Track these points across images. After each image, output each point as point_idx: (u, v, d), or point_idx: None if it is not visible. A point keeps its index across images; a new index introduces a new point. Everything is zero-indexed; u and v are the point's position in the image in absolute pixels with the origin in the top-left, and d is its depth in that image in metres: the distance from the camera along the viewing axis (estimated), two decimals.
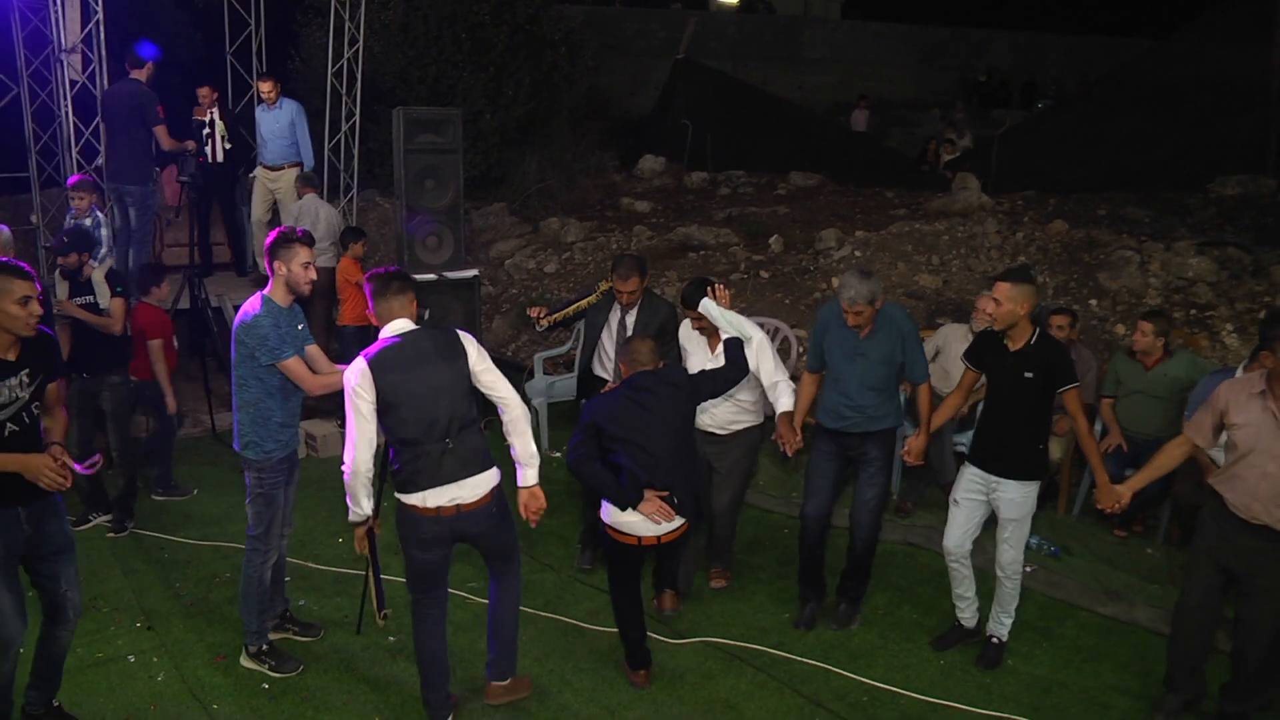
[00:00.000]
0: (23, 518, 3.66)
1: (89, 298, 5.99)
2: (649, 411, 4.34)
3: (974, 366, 4.74)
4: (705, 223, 11.64)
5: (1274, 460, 3.80)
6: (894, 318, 4.88)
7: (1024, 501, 4.56)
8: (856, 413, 4.89)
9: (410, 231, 7.48)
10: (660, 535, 4.36)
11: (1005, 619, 4.82)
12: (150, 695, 4.39)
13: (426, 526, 3.93)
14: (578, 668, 4.64)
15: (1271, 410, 3.82)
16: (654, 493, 4.31)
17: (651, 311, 5.53)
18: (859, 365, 4.85)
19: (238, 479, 6.72)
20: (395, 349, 3.84)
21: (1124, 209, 10.55)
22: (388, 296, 3.93)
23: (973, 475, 4.69)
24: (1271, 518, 3.86)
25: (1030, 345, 4.44)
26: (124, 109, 7.22)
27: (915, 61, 24.23)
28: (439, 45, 13.10)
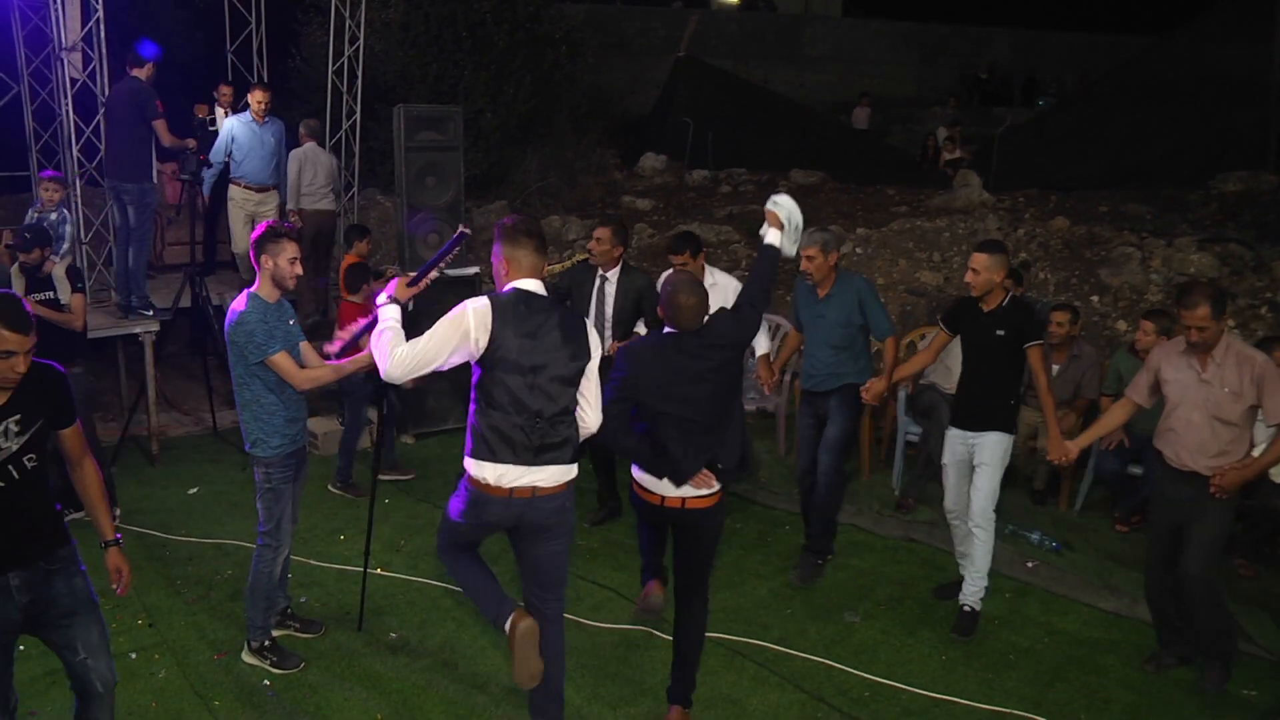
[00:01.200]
0: (14, 586, 3.17)
1: (49, 294, 5.90)
2: (685, 369, 3.87)
3: (949, 330, 5.09)
4: (706, 220, 11.65)
5: (1197, 410, 4.32)
6: (852, 281, 5.34)
7: (996, 448, 4.89)
8: (822, 368, 5.39)
9: (412, 229, 7.48)
10: (685, 499, 3.92)
11: (978, 581, 5.02)
12: (152, 692, 4.38)
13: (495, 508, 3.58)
14: (580, 664, 4.63)
15: (1194, 366, 4.34)
16: None
17: (629, 280, 5.84)
18: (820, 326, 5.33)
19: (239, 476, 6.79)
20: (521, 305, 3.51)
21: (1125, 205, 10.55)
22: (516, 244, 3.58)
23: (954, 436, 5.07)
24: (1198, 464, 4.34)
25: (1002, 307, 4.86)
26: (123, 106, 7.21)
27: (916, 59, 24.25)
28: (440, 43, 13.09)
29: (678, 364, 3.86)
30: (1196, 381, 4.34)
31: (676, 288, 3.89)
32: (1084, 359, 6.48)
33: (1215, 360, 4.29)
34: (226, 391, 7.12)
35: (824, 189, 13.42)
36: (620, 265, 5.86)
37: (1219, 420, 4.29)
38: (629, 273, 5.89)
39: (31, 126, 9.27)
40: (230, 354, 4.29)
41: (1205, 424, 4.32)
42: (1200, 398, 4.32)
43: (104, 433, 7.73)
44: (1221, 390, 4.28)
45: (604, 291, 5.85)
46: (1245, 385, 4.24)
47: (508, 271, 3.61)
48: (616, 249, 5.79)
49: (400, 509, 6.40)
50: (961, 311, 5.05)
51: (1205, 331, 4.21)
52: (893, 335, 5.35)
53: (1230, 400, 4.26)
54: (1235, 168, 11.20)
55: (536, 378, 3.48)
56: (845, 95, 20.79)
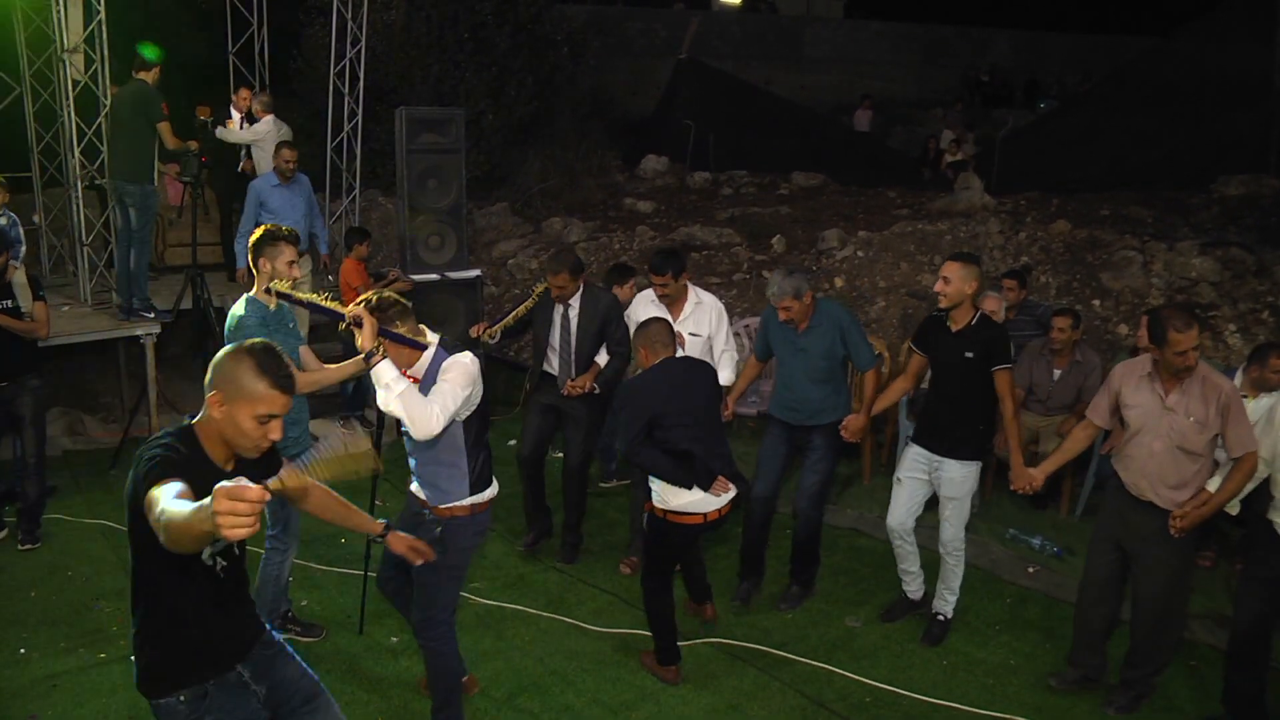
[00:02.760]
0: (248, 679, 2.81)
1: (8, 302, 5.70)
2: (692, 392, 4.42)
3: (920, 350, 4.94)
4: (708, 223, 11.64)
5: (1159, 439, 4.09)
6: (831, 313, 5.10)
7: (964, 481, 4.78)
8: (803, 405, 5.14)
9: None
10: (720, 507, 4.42)
11: (950, 596, 5.01)
12: None
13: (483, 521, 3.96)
14: (581, 668, 4.63)
15: (1158, 392, 4.11)
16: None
17: (593, 303, 5.61)
18: (800, 360, 5.09)
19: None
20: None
21: (1127, 209, 10.53)
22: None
23: (916, 454, 4.91)
24: (1157, 495, 4.14)
25: (970, 326, 4.68)
26: (127, 108, 7.22)
27: (917, 61, 24.25)
28: (441, 45, 13.10)
29: (672, 381, 4.38)
30: (1160, 409, 4.11)
31: (644, 326, 4.61)
32: (1086, 364, 6.46)
33: (1181, 387, 4.07)
34: None
35: (825, 191, 13.41)
36: (582, 288, 5.62)
37: (1182, 450, 4.07)
38: (592, 295, 5.65)
39: (33, 128, 9.27)
40: None
41: (1167, 453, 4.09)
42: (1164, 426, 4.09)
43: (105, 434, 7.76)
44: (1186, 419, 4.05)
45: (567, 318, 5.63)
46: (1211, 415, 4.01)
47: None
48: (576, 283, 5.52)
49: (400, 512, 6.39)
50: (929, 330, 4.89)
51: (1188, 357, 3.97)
52: (874, 367, 5.13)
53: (1195, 430, 4.04)
54: (1237, 170, 11.18)
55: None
56: (846, 97, 20.80)
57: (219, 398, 2.52)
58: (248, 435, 2.54)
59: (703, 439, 4.34)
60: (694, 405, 4.39)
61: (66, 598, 5.23)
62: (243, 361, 2.53)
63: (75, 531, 6.06)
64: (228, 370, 2.53)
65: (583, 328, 5.58)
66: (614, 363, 5.64)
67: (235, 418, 2.51)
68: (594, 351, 5.64)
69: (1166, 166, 11.89)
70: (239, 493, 1.90)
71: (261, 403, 2.50)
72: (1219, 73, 12.52)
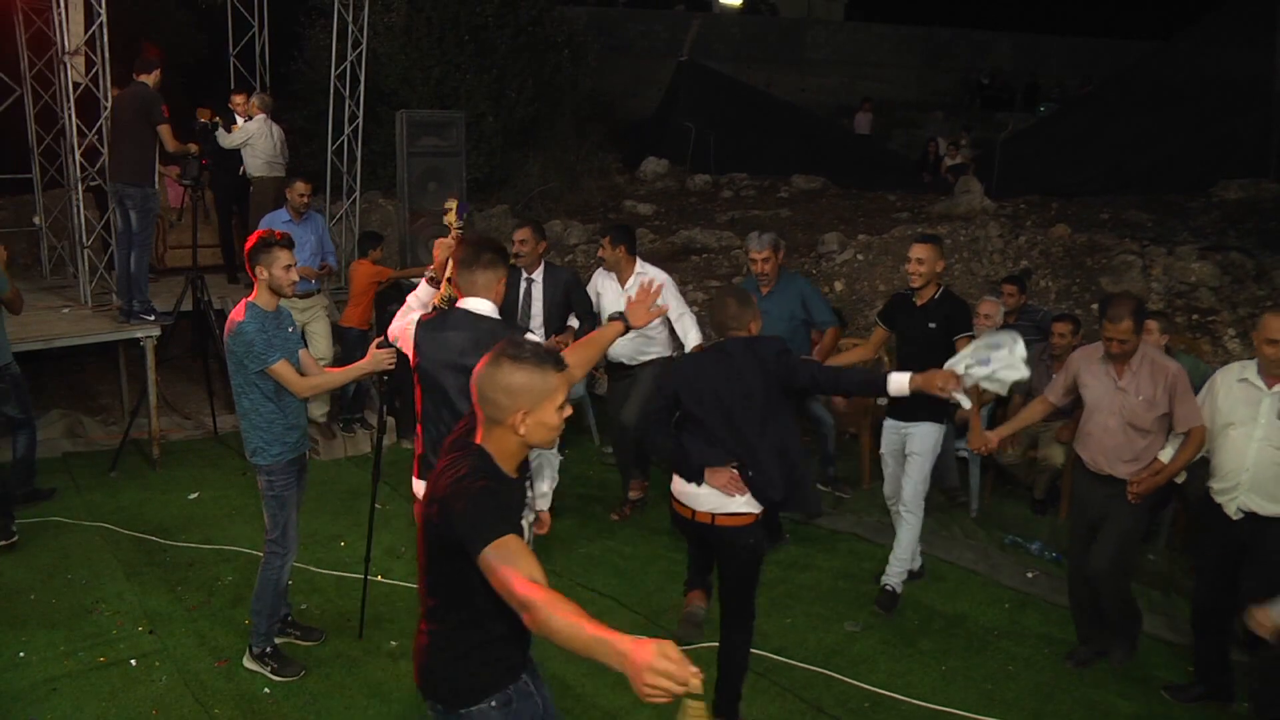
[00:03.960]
0: (531, 685, 2.75)
1: None
2: (726, 378, 3.97)
3: (885, 326, 5.36)
4: (708, 225, 11.66)
5: (1113, 416, 4.48)
6: (795, 280, 5.76)
7: (925, 438, 5.13)
8: None
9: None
10: (715, 515, 3.94)
11: (900, 566, 5.28)
12: (152, 699, 4.39)
13: None
14: (579, 672, 4.63)
15: (1111, 374, 4.50)
16: (716, 469, 3.93)
17: (554, 277, 6.10)
18: (764, 322, 5.18)
19: (240, 481, 6.79)
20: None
21: (1126, 213, 10.56)
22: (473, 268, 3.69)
23: (890, 427, 5.30)
24: (1114, 469, 4.52)
25: (934, 300, 5.12)
26: (128, 111, 7.23)
27: (918, 63, 24.29)
28: (442, 47, 13.11)
29: (711, 361, 4.09)
30: (1113, 389, 4.50)
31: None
32: None
33: (1131, 369, 4.46)
34: (227, 395, 7.13)
35: (825, 194, 13.43)
36: (543, 265, 6.10)
37: (1133, 427, 4.45)
38: (553, 271, 6.14)
39: (34, 130, 9.29)
40: (229, 363, 4.31)
41: (1120, 430, 4.48)
42: (1116, 405, 4.48)
43: (104, 437, 7.76)
44: (1136, 399, 4.43)
45: (530, 294, 6.04)
46: (1158, 394, 4.38)
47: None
48: (539, 246, 6.02)
49: (400, 515, 6.40)
50: (896, 306, 5.30)
51: (1126, 344, 4.37)
52: (835, 326, 5.70)
53: (1144, 408, 4.42)
54: (1237, 175, 11.21)
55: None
56: (847, 99, 20.82)
57: (522, 414, 2.48)
58: (554, 427, 2.57)
59: (717, 431, 3.95)
60: (723, 394, 3.95)
61: (66, 601, 5.23)
62: (516, 368, 2.48)
63: (75, 534, 6.06)
64: (514, 383, 2.47)
65: (548, 300, 6.02)
66: (585, 324, 6.05)
67: (543, 420, 2.51)
68: (563, 321, 6.05)
69: (1166, 170, 11.91)
70: (677, 672, 1.96)
71: (559, 391, 2.54)
72: (1219, 77, 12.53)
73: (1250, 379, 4.28)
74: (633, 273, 6.03)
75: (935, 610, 5.34)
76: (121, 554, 5.82)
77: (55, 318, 7.83)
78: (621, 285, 6.05)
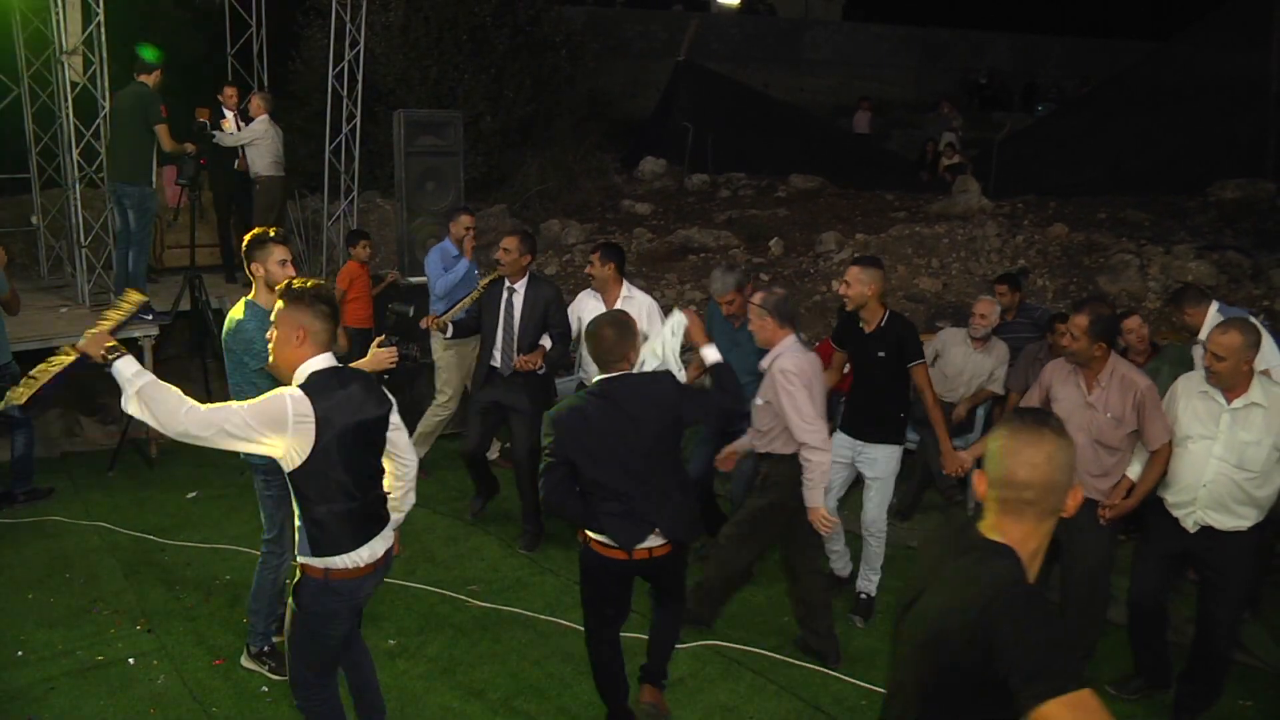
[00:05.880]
0: None
1: None
2: (619, 431, 3.70)
3: (839, 347, 5.27)
4: (706, 225, 11.67)
5: (1081, 431, 4.32)
6: None
7: (885, 462, 5.06)
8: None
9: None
10: (652, 549, 3.83)
11: (872, 575, 5.26)
12: (150, 698, 4.39)
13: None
14: (578, 671, 4.64)
15: (1080, 387, 4.43)
16: None
17: (536, 291, 5.90)
18: (736, 354, 5.24)
19: (237, 481, 6.79)
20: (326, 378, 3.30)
21: (1124, 212, 10.57)
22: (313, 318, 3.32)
23: (841, 441, 5.14)
24: (1082, 484, 4.25)
25: (881, 327, 4.94)
26: (127, 110, 7.24)
27: (916, 63, 24.30)
28: (440, 47, 13.12)
29: (606, 422, 3.71)
30: (1082, 403, 4.41)
31: (592, 326, 3.92)
32: None
33: (1100, 384, 4.38)
34: (225, 395, 7.14)
35: (823, 193, 13.44)
36: (528, 276, 5.91)
37: (1101, 444, 4.38)
38: (536, 283, 5.94)
39: (31, 129, 9.28)
40: (228, 362, 4.31)
41: (1088, 446, 4.36)
42: (1084, 420, 4.37)
43: (103, 436, 7.77)
44: (1104, 415, 4.35)
45: (511, 304, 5.87)
46: (1127, 411, 4.30)
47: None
48: (524, 258, 5.83)
49: None
50: (845, 329, 5.18)
51: (1077, 342, 4.31)
52: None
53: (1111, 426, 4.33)
54: (1234, 175, 11.22)
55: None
56: (845, 99, 20.82)
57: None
58: None
59: (620, 486, 3.73)
60: (616, 449, 3.70)
61: (64, 600, 5.23)
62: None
63: (73, 533, 6.06)
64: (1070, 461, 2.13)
65: (526, 314, 5.85)
66: (558, 346, 5.94)
67: None
68: (537, 338, 5.90)
69: (1164, 171, 11.92)
70: None
71: None
72: (1217, 77, 12.54)
73: (1210, 392, 4.20)
74: (619, 294, 5.90)
75: None
76: (119, 553, 5.82)
77: (53, 317, 7.83)
78: (607, 307, 5.81)
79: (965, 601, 1.98)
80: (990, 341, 6.47)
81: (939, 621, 2.03)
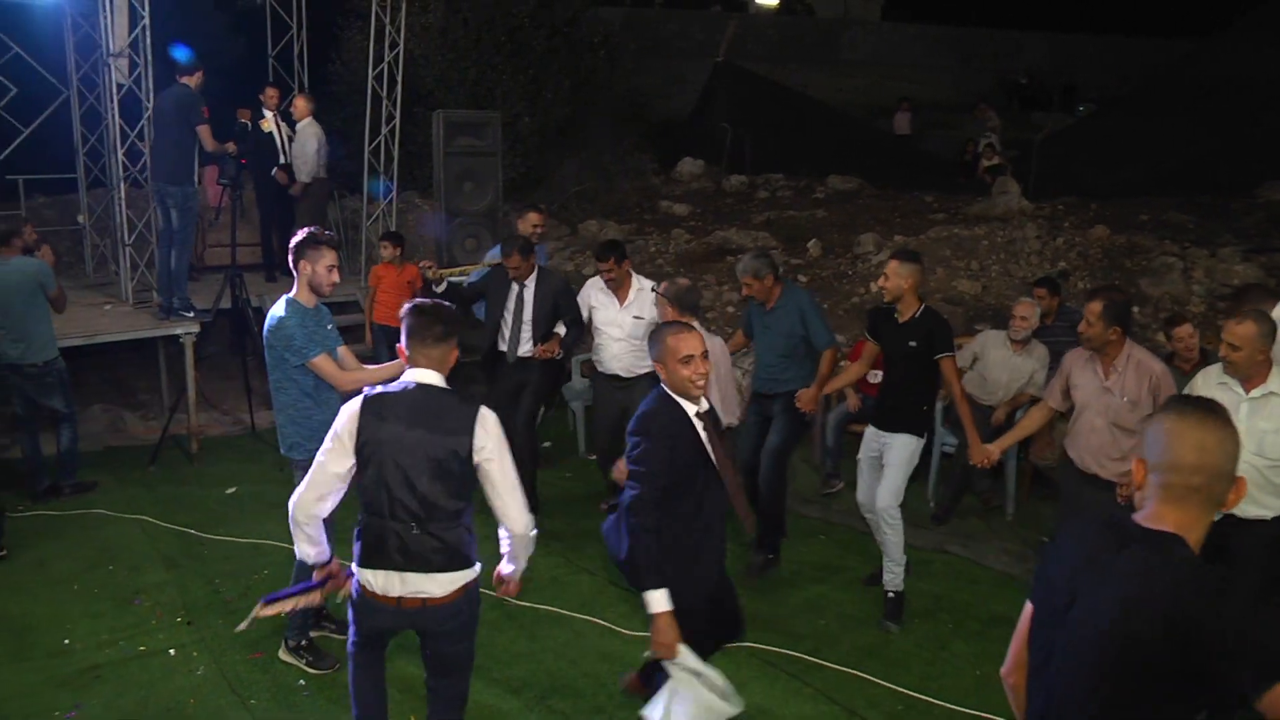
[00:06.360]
0: None
1: None
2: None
3: (871, 338, 5.35)
4: (743, 226, 11.64)
5: (1100, 415, 4.52)
6: (795, 297, 5.67)
7: (902, 449, 5.08)
8: (766, 373, 5.70)
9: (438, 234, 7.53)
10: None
11: (895, 568, 5.19)
12: (190, 689, 4.45)
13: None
14: (613, 670, 4.65)
15: (1098, 373, 4.55)
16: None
17: (545, 284, 6.23)
18: (766, 336, 5.66)
19: (276, 477, 6.85)
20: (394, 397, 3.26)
21: (1166, 214, 10.43)
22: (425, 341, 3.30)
23: (870, 434, 5.26)
24: (1101, 468, 4.57)
25: (915, 318, 5.04)
26: (170, 111, 7.34)
27: (955, 63, 24.11)
28: (478, 48, 13.17)
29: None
30: (1099, 388, 4.54)
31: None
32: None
33: (1117, 369, 4.51)
34: (265, 392, 7.21)
35: (861, 194, 13.37)
36: (535, 271, 6.25)
37: (1118, 427, 4.50)
38: (544, 277, 6.29)
39: (79, 130, 9.45)
40: (268, 358, 4.36)
41: (1106, 429, 4.52)
42: (1102, 404, 4.52)
43: (145, 431, 7.88)
44: (1121, 399, 4.47)
45: (522, 298, 6.22)
46: (1143, 394, 4.42)
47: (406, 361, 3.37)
48: (529, 264, 6.18)
49: None
50: (879, 320, 5.27)
51: (1092, 328, 4.43)
52: (831, 347, 5.57)
53: (1128, 409, 4.45)
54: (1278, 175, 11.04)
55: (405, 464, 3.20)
56: (883, 100, 20.69)
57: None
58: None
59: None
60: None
61: (108, 591, 5.32)
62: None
63: (116, 526, 6.16)
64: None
65: (538, 305, 6.18)
66: (572, 330, 6.29)
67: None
68: (550, 327, 6.23)
69: (1207, 171, 11.74)
70: None
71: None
72: (1259, 75, 12.35)
73: (1229, 383, 4.25)
74: (631, 286, 6.18)
75: (970, 613, 5.31)
76: (161, 546, 5.91)
77: (97, 314, 7.96)
78: (621, 301, 6.18)
79: (1153, 594, 1.90)
80: (1030, 344, 6.41)
81: (1124, 619, 1.92)
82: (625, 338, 6.13)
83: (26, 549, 5.82)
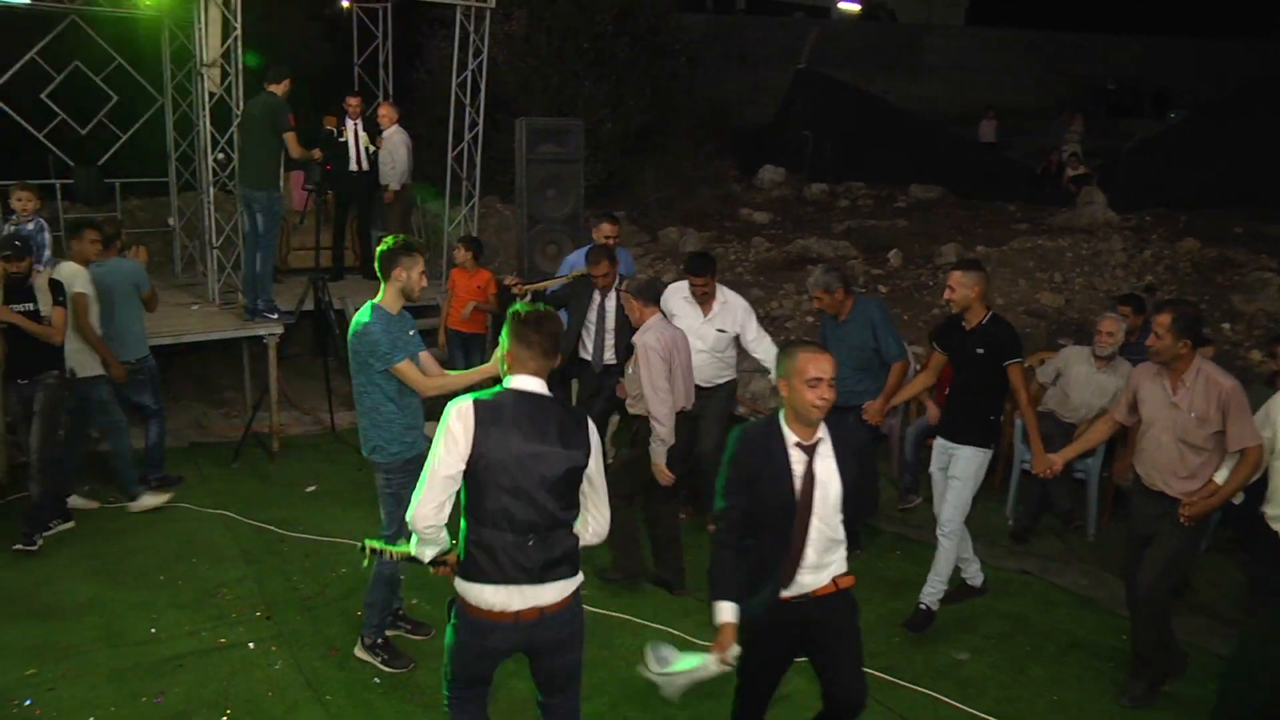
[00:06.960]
0: None
1: (29, 305, 5.76)
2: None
3: (939, 348, 5.31)
4: (824, 235, 11.55)
5: (1166, 431, 4.41)
6: (867, 309, 5.82)
7: (969, 462, 5.06)
8: (841, 386, 5.49)
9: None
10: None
11: (938, 583, 5.18)
12: (268, 682, 4.55)
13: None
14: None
15: (1166, 388, 4.44)
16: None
17: None
18: (840, 348, 5.62)
19: (356, 477, 6.98)
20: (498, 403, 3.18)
21: (1262, 227, 10.09)
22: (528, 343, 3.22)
23: (939, 446, 5.27)
24: (1167, 485, 4.44)
25: (982, 325, 5.03)
26: (257, 119, 7.52)
27: (1040, 69, 23.60)
28: (561, 55, 13.28)
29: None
30: (1166, 404, 4.43)
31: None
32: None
33: (1185, 384, 4.38)
34: (345, 393, 7.35)
35: (943, 204, 13.19)
36: (617, 280, 6.33)
37: (1185, 444, 4.37)
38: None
39: (172, 137, 9.76)
40: (352, 363, 4.44)
41: (1173, 445, 4.40)
42: (1169, 420, 4.41)
43: (227, 429, 8.08)
44: (1188, 415, 4.35)
45: (604, 307, 6.35)
46: (1212, 411, 4.28)
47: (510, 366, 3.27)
48: (614, 271, 6.28)
49: None
50: (947, 329, 5.27)
51: (1161, 341, 4.32)
52: (901, 360, 5.68)
53: (1196, 425, 4.33)
54: None
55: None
56: (966, 106, 20.35)
57: None
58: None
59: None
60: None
61: (192, 584, 5.48)
62: None
63: (199, 521, 6.33)
64: None
65: (619, 314, 6.23)
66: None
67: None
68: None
69: None
70: None
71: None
72: None
73: None
74: (716, 299, 6.12)
75: (1048, 636, 5.20)
76: (241, 541, 6.05)
77: (185, 314, 8.20)
78: (705, 313, 6.10)
79: None
80: (1115, 361, 6.24)
81: None
82: (708, 350, 6.07)
83: (116, 539, 6.03)
